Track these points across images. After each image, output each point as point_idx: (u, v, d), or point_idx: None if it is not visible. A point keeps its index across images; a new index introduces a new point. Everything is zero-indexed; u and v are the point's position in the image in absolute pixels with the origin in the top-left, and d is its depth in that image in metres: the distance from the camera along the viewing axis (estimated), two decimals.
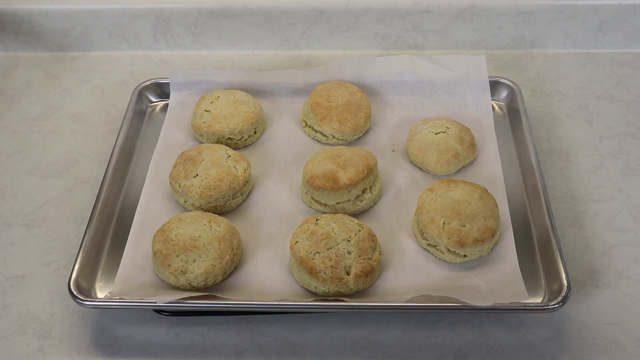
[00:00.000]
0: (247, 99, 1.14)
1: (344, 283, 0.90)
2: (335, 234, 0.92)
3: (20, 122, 1.23)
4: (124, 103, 1.21)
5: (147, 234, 0.98)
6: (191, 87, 1.20)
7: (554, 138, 1.17)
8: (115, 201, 1.05)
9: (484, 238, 0.93)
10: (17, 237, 1.04)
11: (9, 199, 1.10)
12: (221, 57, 1.36)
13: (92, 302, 0.90)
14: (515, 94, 1.17)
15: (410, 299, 0.88)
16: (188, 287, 0.92)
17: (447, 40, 1.34)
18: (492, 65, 1.30)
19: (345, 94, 1.14)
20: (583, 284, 0.95)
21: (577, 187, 1.09)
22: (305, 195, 1.03)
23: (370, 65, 1.19)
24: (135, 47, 1.37)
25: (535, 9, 1.30)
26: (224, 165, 1.03)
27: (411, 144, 1.08)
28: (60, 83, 1.32)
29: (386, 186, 1.06)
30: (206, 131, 1.10)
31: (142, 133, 1.17)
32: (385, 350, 0.90)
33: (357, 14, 1.31)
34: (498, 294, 0.89)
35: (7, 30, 1.35)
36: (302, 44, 1.36)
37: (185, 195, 1.01)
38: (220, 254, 0.92)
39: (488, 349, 0.89)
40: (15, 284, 0.98)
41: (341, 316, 0.93)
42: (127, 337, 0.92)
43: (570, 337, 0.90)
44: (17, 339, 0.92)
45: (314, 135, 1.14)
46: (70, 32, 1.35)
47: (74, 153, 1.17)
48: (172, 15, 1.32)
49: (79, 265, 0.93)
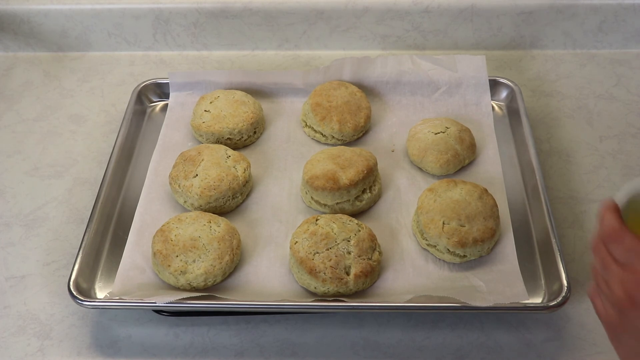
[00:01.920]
0: (247, 99, 1.14)
1: (344, 283, 0.90)
2: (335, 234, 0.92)
3: (19, 122, 1.23)
4: (123, 103, 1.21)
5: (147, 234, 0.98)
6: (191, 87, 1.20)
7: (554, 138, 1.17)
8: (115, 201, 1.05)
9: (484, 238, 0.93)
10: (17, 238, 1.04)
11: (9, 199, 1.10)
12: (221, 57, 1.36)
13: (92, 302, 0.90)
14: (515, 94, 1.17)
15: (410, 299, 0.88)
16: (188, 287, 0.92)
17: (447, 40, 1.34)
18: (492, 65, 1.30)
19: (345, 94, 1.14)
20: (583, 284, 0.95)
21: (577, 187, 1.09)
22: (305, 196, 1.03)
23: (370, 65, 1.19)
24: (134, 47, 1.37)
25: (535, 9, 1.30)
26: (223, 165, 1.03)
27: (411, 144, 1.08)
28: (60, 83, 1.32)
29: (386, 186, 1.06)
30: (206, 131, 1.10)
31: (142, 133, 1.17)
32: (385, 350, 0.90)
33: (357, 14, 1.31)
34: (498, 294, 0.89)
35: (7, 31, 1.35)
36: (302, 44, 1.36)
37: (185, 196, 1.01)
38: (220, 254, 0.92)
39: (488, 349, 0.89)
40: (15, 284, 0.98)
41: (341, 316, 0.93)
42: (127, 337, 0.92)
43: (570, 337, 0.90)
44: (16, 339, 0.92)
45: (313, 136, 1.14)
46: (70, 32, 1.35)
47: (74, 153, 1.17)
48: (171, 15, 1.32)
49: (78, 265, 0.93)
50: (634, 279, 0.62)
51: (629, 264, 0.63)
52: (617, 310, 0.64)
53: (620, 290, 0.63)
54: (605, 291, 0.65)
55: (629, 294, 0.62)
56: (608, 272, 0.65)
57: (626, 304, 0.63)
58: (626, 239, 0.63)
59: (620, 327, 0.65)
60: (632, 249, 0.63)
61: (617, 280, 0.63)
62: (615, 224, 0.64)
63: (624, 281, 0.63)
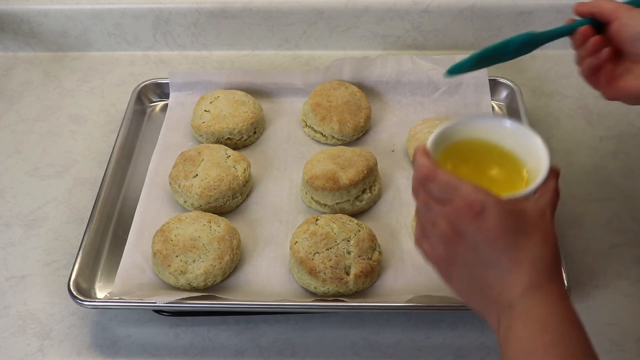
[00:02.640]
0: (247, 99, 1.14)
1: (344, 283, 0.90)
2: (335, 234, 0.92)
3: (19, 122, 1.23)
4: (123, 103, 1.21)
5: (147, 234, 0.98)
6: (191, 87, 1.20)
7: (554, 138, 1.17)
8: (115, 201, 1.05)
9: None
10: (16, 238, 1.04)
11: (9, 199, 1.10)
12: (221, 57, 1.36)
13: (92, 302, 0.90)
14: (515, 94, 1.17)
15: (410, 299, 0.88)
16: (188, 287, 0.92)
17: (447, 40, 1.34)
18: (492, 66, 1.29)
19: (345, 94, 1.14)
20: (583, 284, 0.95)
21: (577, 187, 1.09)
22: (305, 196, 1.03)
23: (370, 65, 1.19)
24: (134, 47, 1.37)
25: (535, 9, 1.30)
26: (223, 165, 1.03)
27: (411, 144, 1.08)
28: (60, 83, 1.32)
29: (386, 186, 1.06)
30: (206, 131, 1.10)
31: (142, 133, 1.17)
32: (385, 350, 0.90)
33: (356, 14, 1.31)
34: None
35: (7, 31, 1.35)
36: (302, 44, 1.36)
37: (185, 196, 1.01)
38: (220, 254, 0.92)
39: (488, 349, 0.89)
40: (15, 284, 0.98)
41: (341, 316, 0.93)
42: (127, 337, 0.92)
43: None
44: (16, 339, 0.92)
45: (313, 136, 1.14)
46: (70, 32, 1.35)
47: (74, 153, 1.17)
48: (171, 15, 1.32)
49: (78, 265, 0.93)
50: (454, 211, 0.64)
51: (447, 198, 0.65)
52: (444, 246, 0.66)
53: (445, 225, 0.65)
54: (431, 231, 0.68)
55: (453, 226, 0.65)
56: (430, 211, 0.67)
57: (452, 236, 0.65)
58: (439, 175, 0.66)
59: (450, 262, 0.67)
60: (447, 184, 0.65)
61: (441, 216, 0.66)
62: (427, 163, 0.67)
63: (447, 215, 0.65)
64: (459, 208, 0.64)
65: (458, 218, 0.64)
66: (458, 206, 0.64)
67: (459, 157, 0.73)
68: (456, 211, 0.64)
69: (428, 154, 0.68)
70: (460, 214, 0.64)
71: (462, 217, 0.64)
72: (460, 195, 0.64)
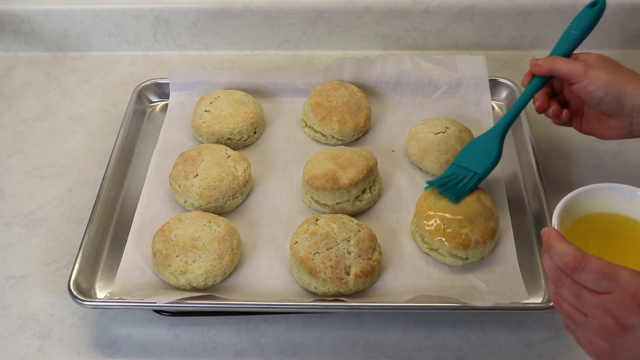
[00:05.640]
0: (247, 99, 1.14)
1: (344, 283, 0.90)
2: (335, 234, 0.92)
3: (20, 122, 1.23)
4: (123, 103, 1.21)
5: (147, 234, 0.98)
6: (191, 87, 1.20)
7: (554, 138, 1.17)
8: (115, 201, 1.05)
9: (485, 239, 0.93)
10: (16, 237, 1.04)
11: (9, 199, 1.10)
12: (221, 57, 1.36)
13: (92, 302, 0.90)
14: (515, 94, 1.17)
15: (410, 299, 0.88)
16: (188, 287, 0.92)
17: (447, 40, 1.34)
18: (492, 65, 1.29)
19: (345, 94, 1.14)
20: None
21: (577, 187, 1.08)
22: (305, 195, 1.03)
23: (370, 65, 1.19)
24: (135, 47, 1.37)
25: (535, 9, 1.30)
26: (223, 165, 1.03)
27: (411, 144, 1.08)
28: (60, 83, 1.32)
29: (386, 186, 1.06)
30: (206, 131, 1.10)
31: (142, 133, 1.17)
32: (385, 350, 0.90)
33: (357, 14, 1.31)
34: (498, 294, 0.89)
35: (7, 31, 1.35)
36: (302, 44, 1.36)
37: (185, 196, 1.01)
38: (220, 254, 0.92)
39: (488, 349, 0.89)
40: (15, 284, 0.98)
41: (341, 316, 0.93)
42: (127, 337, 0.92)
43: (570, 337, 0.89)
44: (17, 339, 0.92)
45: (313, 136, 1.14)
46: (70, 32, 1.35)
47: (74, 153, 1.17)
48: (172, 16, 1.32)
49: (78, 265, 0.93)
50: (617, 302, 0.59)
51: (604, 288, 0.60)
52: (605, 338, 0.61)
53: (606, 317, 0.60)
54: (584, 322, 0.63)
55: (616, 318, 0.60)
56: (582, 301, 0.62)
57: (617, 329, 0.60)
58: (591, 264, 0.61)
59: (615, 357, 0.62)
60: (602, 272, 0.60)
61: (598, 307, 0.61)
62: (572, 251, 0.62)
63: (606, 307, 0.60)
64: (622, 299, 0.59)
65: (621, 310, 0.59)
66: (620, 297, 0.59)
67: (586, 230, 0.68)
68: (618, 302, 0.59)
69: (564, 238, 0.63)
70: (623, 305, 0.59)
71: (627, 308, 0.59)
72: (620, 284, 0.59)
